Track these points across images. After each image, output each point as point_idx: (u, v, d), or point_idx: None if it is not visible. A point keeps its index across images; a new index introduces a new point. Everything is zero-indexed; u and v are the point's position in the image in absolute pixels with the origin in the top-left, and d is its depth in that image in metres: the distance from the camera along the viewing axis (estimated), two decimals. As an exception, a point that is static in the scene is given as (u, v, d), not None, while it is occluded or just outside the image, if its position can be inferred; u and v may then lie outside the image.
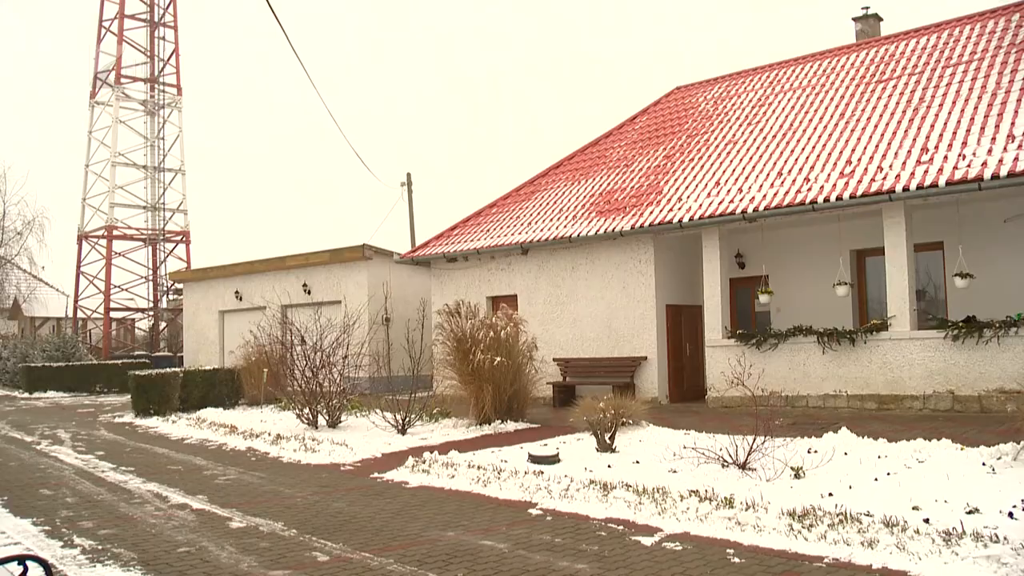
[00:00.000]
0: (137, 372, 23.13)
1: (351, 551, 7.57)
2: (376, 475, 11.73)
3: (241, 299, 31.72)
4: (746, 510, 8.17)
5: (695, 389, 18.52)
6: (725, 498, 8.58)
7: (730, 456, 10.25)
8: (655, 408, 16.15)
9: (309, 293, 28.40)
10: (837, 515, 7.72)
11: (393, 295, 25.28)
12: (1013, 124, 15.13)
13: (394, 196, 51.32)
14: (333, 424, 16.58)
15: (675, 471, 10.28)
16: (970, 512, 7.64)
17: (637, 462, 11.11)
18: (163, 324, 50.40)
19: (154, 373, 22.65)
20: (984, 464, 9.86)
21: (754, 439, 10.25)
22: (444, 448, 12.87)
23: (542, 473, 10.62)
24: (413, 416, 15.70)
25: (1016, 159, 14.07)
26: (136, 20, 49.98)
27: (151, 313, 50.65)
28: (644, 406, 14.62)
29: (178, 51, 50.57)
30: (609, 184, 21.03)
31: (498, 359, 15.59)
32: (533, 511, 9.03)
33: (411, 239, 33.57)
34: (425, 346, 18.83)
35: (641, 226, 18.17)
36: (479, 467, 11.30)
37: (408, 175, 35.85)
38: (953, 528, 7.09)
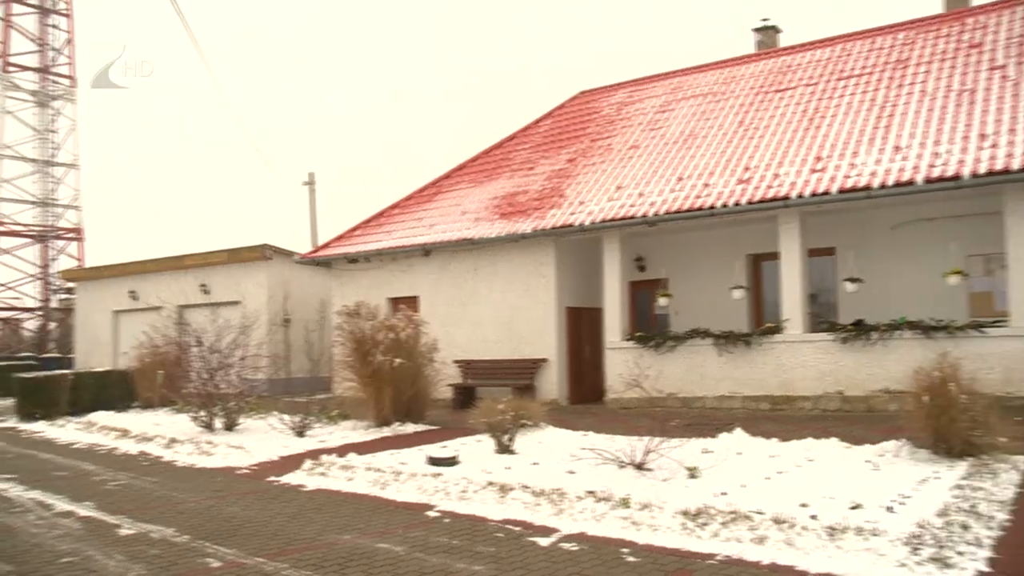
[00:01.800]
0: (22, 374, 22.30)
1: (245, 556, 7.43)
2: (273, 479, 11.53)
3: (136, 299, 30.86)
4: (642, 510, 8.27)
5: (595, 391, 18.73)
6: (621, 498, 8.67)
7: (627, 457, 10.37)
8: (555, 410, 16.26)
9: (207, 293, 27.81)
10: (729, 513, 7.88)
11: (293, 296, 24.97)
12: (899, 136, 15.75)
13: (297, 196, 50.59)
14: (230, 427, 16.24)
15: (573, 472, 10.36)
16: (854, 508, 7.89)
17: (536, 463, 11.15)
18: (53, 324, 48.74)
19: (41, 375, 21.88)
20: (868, 461, 10.23)
21: (651, 440, 10.40)
22: (343, 450, 12.72)
23: (441, 475, 10.58)
24: (312, 418, 15.49)
25: (902, 170, 14.66)
26: (25, 5, 48.22)
27: (40, 313, 48.91)
28: (544, 408, 14.69)
29: (73, 41, 49.01)
30: (512, 187, 21.13)
31: (398, 361, 15.50)
32: (431, 513, 9.00)
33: (312, 239, 33.12)
34: (325, 348, 18.65)
35: (543, 229, 18.32)
36: (377, 469, 11.21)
37: (311, 174, 35.30)
38: (838, 523, 7.31)
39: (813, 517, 7.60)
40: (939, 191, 14.43)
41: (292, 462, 12.45)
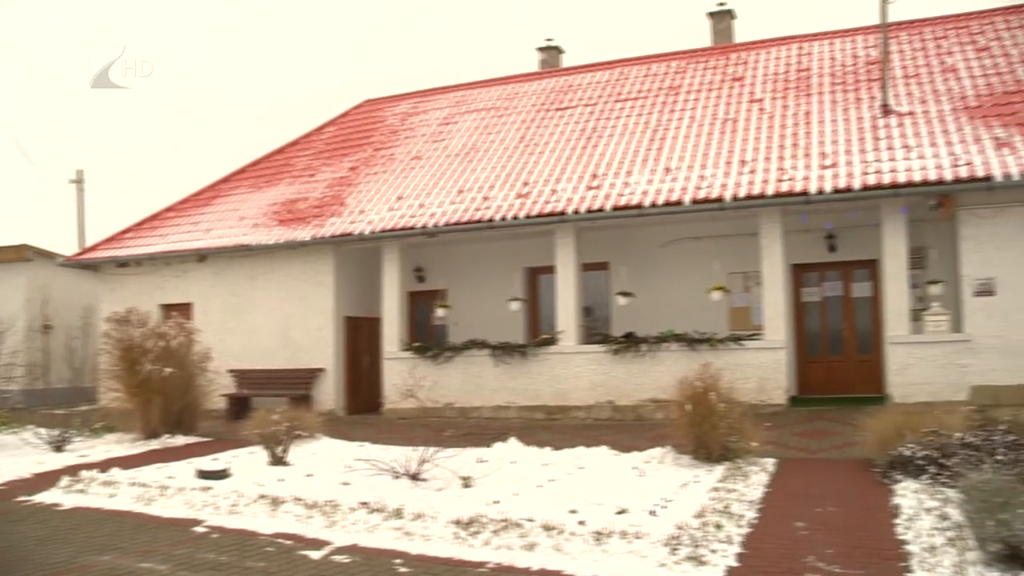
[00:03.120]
0: None
1: (-20, 586, 6.85)
2: (23, 498, 10.64)
3: None
4: (415, 520, 8.27)
5: (372, 401, 18.56)
6: (395, 509, 8.63)
7: (402, 467, 10.35)
8: (331, 420, 16.01)
9: (-45, 295, 25.55)
10: (501, 522, 7.99)
11: (56, 300, 23.35)
12: (669, 159, 16.57)
13: (64, 194, 47.43)
14: (-25, 442, 14.97)
15: (348, 483, 10.23)
16: (620, 512, 8.19)
17: (310, 475, 10.94)
18: None
19: None
20: (635, 468, 10.67)
21: (426, 450, 10.42)
22: (105, 465, 12.00)
23: (211, 489, 10.19)
24: (73, 432, 14.52)
25: (671, 190, 15.44)
26: None
27: None
28: (320, 418, 14.47)
29: None
30: (293, 193, 20.67)
31: (169, 370, 14.84)
32: (198, 529, 8.63)
33: (80, 241, 31.09)
34: (90, 356, 17.57)
35: (322, 237, 18.02)
36: (143, 484, 10.67)
37: (79, 172, 33.13)
38: (604, 528, 7.56)
39: (581, 523, 7.83)
40: (704, 211, 15.30)
41: (47, 479, 11.56)
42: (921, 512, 7.92)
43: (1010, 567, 6.26)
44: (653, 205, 15.26)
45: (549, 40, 24.53)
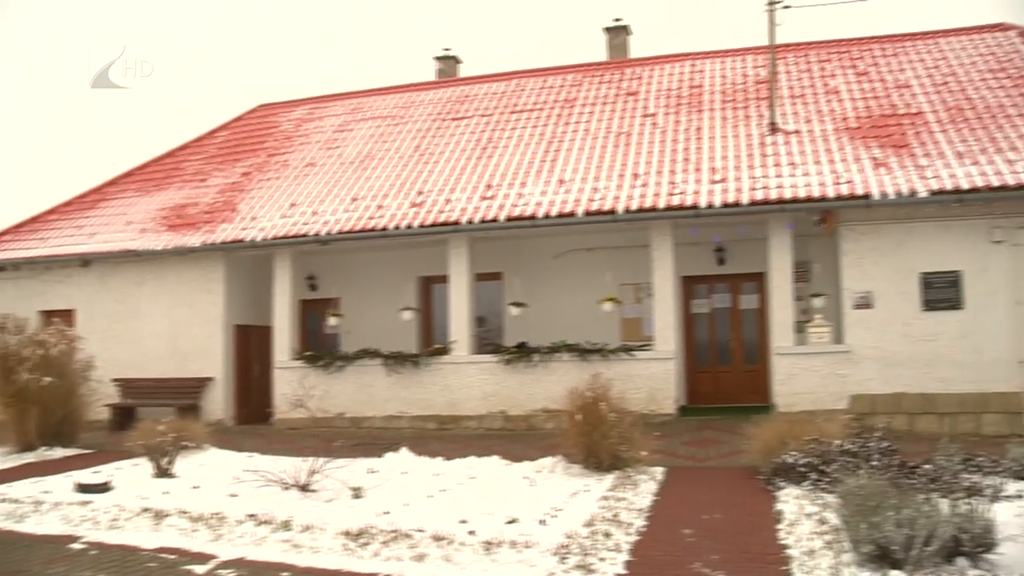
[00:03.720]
0: None
1: None
2: None
3: None
4: (304, 532, 8.14)
5: (263, 411, 18.14)
6: (283, 521, 8.48)
7: (292, 478, 10.18)
8: (220, 430, 15.63)
9: None
10: (391, 532, 7.93)
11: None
12: (564, 170, 16.72)
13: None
14: None
15: (235, 495, 10.00)
16: (510, 522, 8.20)
17: (196, 487, 10.65)
18: None
19: None
20: (527, 477, 10.70)
21: (316, 461, 10.27)
22: (-28, 480, 11.47)
23: (90, 503, 9.83)
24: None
25: (564, 202, 15.56)
26: None
27: None
28: (208, 428, 14.13)
29: None
30: (183, 198, 20.13)
31: (47, 379, 14.27)
32: (76, 545, 8.28)
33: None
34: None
35: (213, 243, 17.59)
36: (14, 500, 10.22)
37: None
38: (494, 538, 7.56)
39: (471, 533, 7.81)
40: (597, 223, 15.48)
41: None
42: (802, 517, 8.15)
43: (880, 567, 6.49)
44: (546, 216, 15.36)
45: (447, 50, 24.52)
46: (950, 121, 15.77)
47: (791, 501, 8.87)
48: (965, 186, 13.78)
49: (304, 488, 10.03)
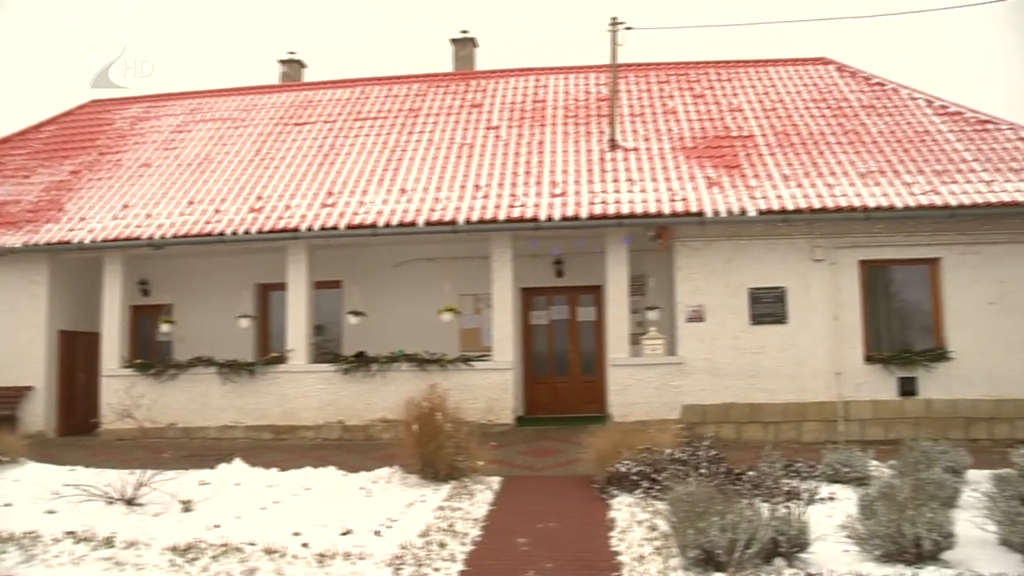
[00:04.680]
0: None
1: None
2: None
3: None
4: (127, 548, 7.82)
5: (89, 421, 17.35)
6: (106, 537, 8.12)
7: (117, 492, 9.77)
8: (40, 443, 14.85)
9: None
10: (221, 546, 7.74)
11: None
12: (406, 180, 16.72)
13: None
14: None
15: (53, 511, 9.47)
16: (345, 534, 8.15)
17: (9, 504, 10.01)
18: None
19: None
20: (363, 488, 10.64)
21: (144, 473, 9.90)
22: None
23: None
24: None
25: (405, 211, 15.57)
26: None
27: None
28: (26, 441, 13.37)
29: None
30: (3, 195, 19.02)
31: None
32: None
33: None
34: None
35: (36, 244, 16.70)
36: None
37: None
38: (328, 550, 7.50)
39: (305, 545, 7.72)
40: (438, 233, 15.53)
41: None
42: (634, 524, 8.43)
43: (705, 570, 6.79)
44: (387, 225, 15.32)
45: (292, 53, 24.10)
46: (778, 145, 16.67)
47: (624, 509, 9.15)
48: (790, 207, 14.63)
49: (130, 502, 9.66)
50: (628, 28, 17.51)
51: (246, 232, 15.83)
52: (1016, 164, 15.45)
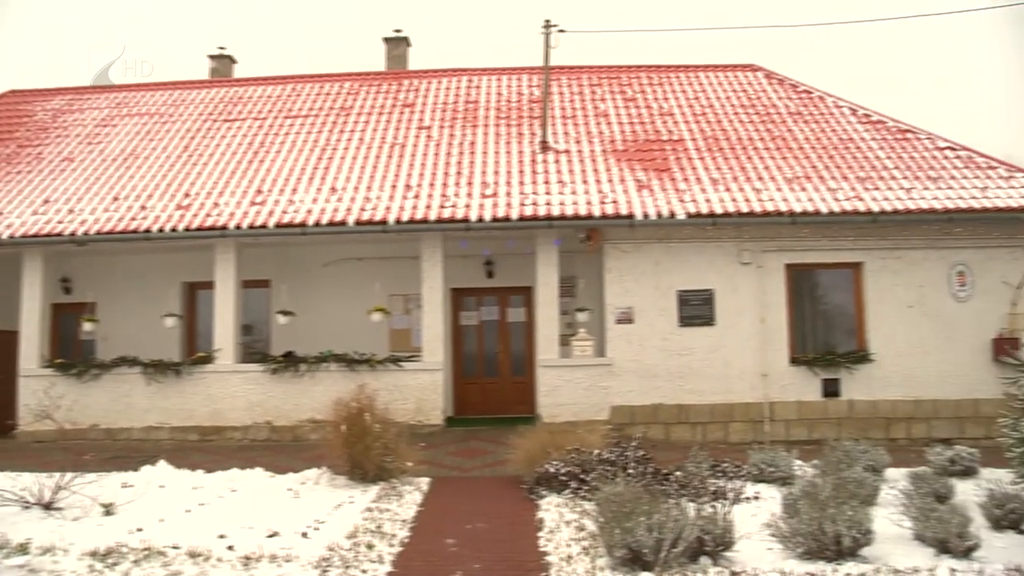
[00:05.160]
0: None
1: None
2: None
3: None
4: (44, 554, 7.63)
5: (5, 423, 16.90)
6: (20, 543, 7.89)
7: (34, 496, 9.54)
8: (-47, 445, 14.45)
9: None
10: (143, 551, 7.62)
11: None
12: (336, 179, 16.61)
13: None
14: None
15: (-38, 519, 9.25)
16: (271, 536, 8.08)
17: (-84, 509, 9.77)
18: None
19: None
20: (290, 489, 10.56)
21: (63, 476, 9.69)
22: None
23: None
24: None
25: (336, 210, 15.46)
26: None
27: None
28: (-62, 443, 13.03)
29: None
30: (-83, 189, 18.45)
31: None
32: None
33: None
34: None
35: (-50, 240, 16.24)
36: None
37: None
38: (253, 552, 7.43)
39: (230, 548, 7.64)
40: (368, 233, 15.45)
41: None
42: (562, 524, 8.51)
43: (632, 569, 6.89)
44: (317, 224, 15.21)
45: (222, 48, 23.75)
46: (707, 149, 16.94)
47: (552, 509, 9.23)
48: (719, 210, 14.88)
49: (48, 506, 9.45)
50: (561, 31, 17.66)
51: (173, 229, 15.56)
52: (933, 172, 15.96)
